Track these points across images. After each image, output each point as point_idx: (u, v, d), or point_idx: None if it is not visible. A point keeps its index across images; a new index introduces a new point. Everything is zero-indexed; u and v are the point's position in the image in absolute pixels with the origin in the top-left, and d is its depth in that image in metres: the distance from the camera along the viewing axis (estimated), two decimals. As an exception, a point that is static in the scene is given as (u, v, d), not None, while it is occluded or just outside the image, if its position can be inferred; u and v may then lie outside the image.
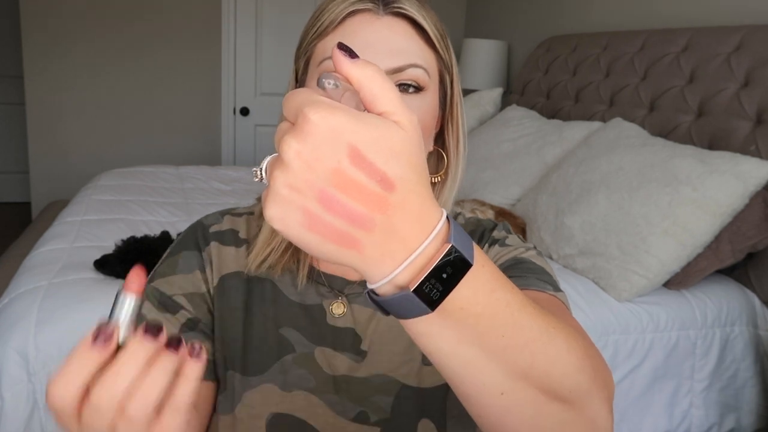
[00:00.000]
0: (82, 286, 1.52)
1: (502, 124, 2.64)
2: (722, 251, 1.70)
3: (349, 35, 0.64)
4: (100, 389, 0.40)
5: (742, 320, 1.77)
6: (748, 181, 1.64)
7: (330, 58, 0.64)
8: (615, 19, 2.76)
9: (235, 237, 0.78)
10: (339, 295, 0.75)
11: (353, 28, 0.64)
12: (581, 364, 0.45)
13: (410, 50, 0.65)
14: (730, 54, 2.01)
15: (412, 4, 0.66)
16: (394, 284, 0.38)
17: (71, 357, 0.41)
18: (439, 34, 0.67)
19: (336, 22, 0.65)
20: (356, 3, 0.64)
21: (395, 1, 0.65)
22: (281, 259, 0.73)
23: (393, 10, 0.64)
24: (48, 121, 3.67)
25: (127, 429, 0.40)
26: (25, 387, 1.33)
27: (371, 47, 0.64)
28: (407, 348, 0.75)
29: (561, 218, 1.91)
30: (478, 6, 3.95)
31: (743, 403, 1.79)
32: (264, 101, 3.92)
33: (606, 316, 1.65)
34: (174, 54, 3.76)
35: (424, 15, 0.66)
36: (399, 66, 0.64)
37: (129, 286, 0.42)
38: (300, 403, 0.73)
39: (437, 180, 0.73)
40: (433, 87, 0.68)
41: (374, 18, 0.64)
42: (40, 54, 3.57)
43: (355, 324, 0.75)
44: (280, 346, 0.74)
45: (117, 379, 0.40)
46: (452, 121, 0.72)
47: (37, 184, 3.75)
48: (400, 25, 0.65)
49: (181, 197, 2.50)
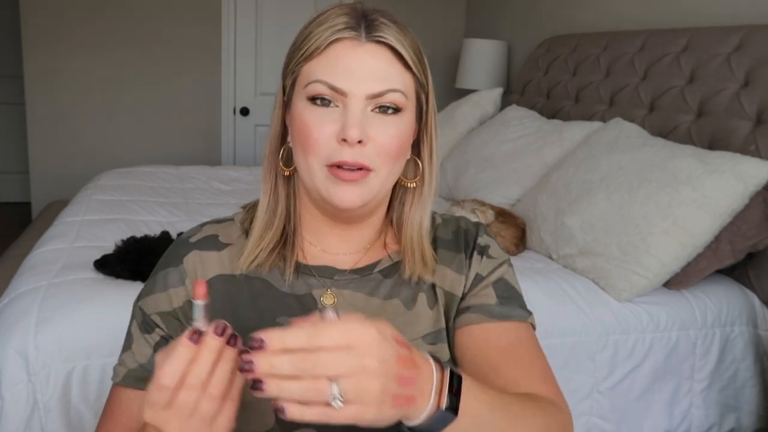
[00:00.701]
0: (82, 287, 1.52)
1: (502, 124, 2.64)
2: (722, 251, 1.70)
3: (333, 60, 0.70)
4: (192, 373, 0.55)
5: (742, 320, 1.77)
6: (748, 181, 1.64)
7: (316, 81, 0.70)
8: (615, 19, 2.76)
9: (215, 241, 0.81)
10: (327, 286, 0.80)
11: (336, 53, 0.70)
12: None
13: (390, 75, 0.71)
14: (730, 54, 2.01)
15: (391, 31, 0.71)
16: (429, 411, 0.54)
17: (173, 351, 0.55)
18: (416, 57, 0.73)
19: (321, 48, 0.71)
20: (340, 31, 0.70)
21: (376, 30, 0.70)
22: (269, 257, 0.78)
23: (374, 38, 0.70)
24: (48, 121, 3.67)
25: (208, 404, 0.55)
26: (25, 387, 1.33)
27: (353, 73, 0.70)
28: (404, 326, 0.80)
29: (561, 218, 1.91)
30: (478, 6, 3.95)
31: (743, 403, 1.79)
32: (264, 101, 3.92)
33: (606, 316, 1.65)
34: (174, 54, 3.76)
35: (402, 41, 0.72)
36: (380, 91, 0.70)
37: (194, 295, 0.58)
38: None
39: (413, 185, 0.80)
40: (410, 106, 0.74)
41: (356, 45, 0.70)
42: (40, 54, 3.57)
43: (348, 309, 0.79)
44: None
45: (202, 366, 0.55)
46: (426, 132, 0.79)
47: (37, 184, 3.74)
48: (380, 52, 0.71)
49: (181, 197, 2.50)
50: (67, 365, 1.35)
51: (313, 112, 0.71)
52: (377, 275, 0.81)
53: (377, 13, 0.72)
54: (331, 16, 0.71)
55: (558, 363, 1.61)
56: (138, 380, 0.77)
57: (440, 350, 0.80)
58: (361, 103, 0.70)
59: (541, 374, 0.76)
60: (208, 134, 3.92)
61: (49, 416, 1.34)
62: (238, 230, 0.82)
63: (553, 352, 1.60)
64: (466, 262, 0.83)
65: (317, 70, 0.70)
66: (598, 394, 1.65)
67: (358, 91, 0.69)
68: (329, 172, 0.71)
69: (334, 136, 0.70)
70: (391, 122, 0.72)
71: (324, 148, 0.70)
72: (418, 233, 0.80)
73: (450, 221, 0.88)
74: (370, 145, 0.70)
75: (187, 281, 0.78)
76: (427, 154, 0.79)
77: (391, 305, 0.80)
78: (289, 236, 0.79)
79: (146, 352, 0.78)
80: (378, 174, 0.72)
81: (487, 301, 0.80)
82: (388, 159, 0.72)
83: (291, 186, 0.79)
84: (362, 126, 0.69)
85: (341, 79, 0.69)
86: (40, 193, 3.74)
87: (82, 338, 1.37)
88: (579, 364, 1.63)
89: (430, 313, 0.81)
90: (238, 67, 3.85)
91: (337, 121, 0.70)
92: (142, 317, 0.79)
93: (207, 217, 2.20)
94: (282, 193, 0.79)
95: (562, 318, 1.62)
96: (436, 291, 0.82)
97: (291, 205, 0.80)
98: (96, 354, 1.37)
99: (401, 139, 0.73)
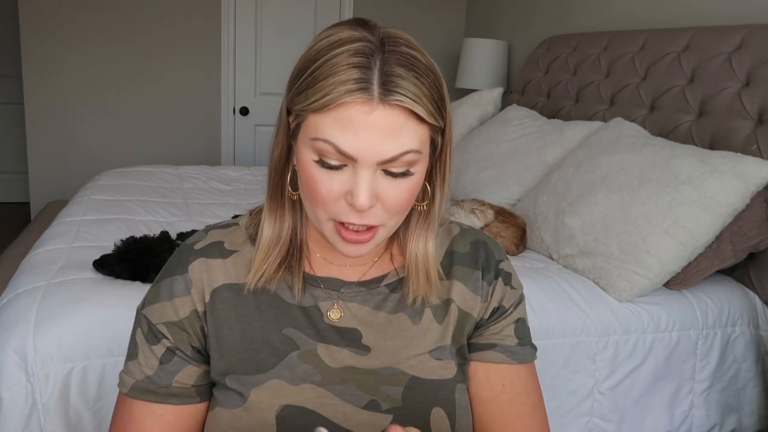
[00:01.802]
0: (81, 287, 1.51)
1: (502, 123, 2.63)
2: (723, 251, 1.70)
3: (343, 121, 0.64)
4: None
5: (743, 320, 1.77)
6: (749, 181, 1.64)
7: (324, 141, 0.64)
8: (615, 18, 2.76)
9: (220, 249, 0.80)
10: (334, 298, 0.79)
11: (348, 114, 0.63)
12: None
13: (403, 136, 0.65)
14: (731, 54, 2.01)
15: (409, 88, 0.64)
16: None
17: None
18: (434, 108, 0.66)
19: (330, 106, 0.64)
20: (351, 93, 0.63)
21: (392, 92, 0.63)
22: (276, 273, 0.76)
23: (389, 102, 0.63)
24: (47, 121, 3.67)
25: None
26: (23, 387, 1.32)
27: (365, 138, 0.63)
28: (409, 341, 0.79)
29: (561, 218, 1.90)
30: (478, 6, 3.95)
31: (744, 403, 1.78)
32: (264, 101, 3.92)
33: (607, 317, 1.65)
34: (174, 53, 3.75)
35: (420, 95, 0.64)
36: (393, 156, 0.65)
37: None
38: (309, 395, 0.76)
39: (422, 209, 0.77)
40: (424, 157, 0.69)
41: (369, 109, 0.63)
42: (40, 54, 3.56)
43: (354, 323, 0.78)
44: (284, 344, 0.77)
45: None
46: (440, 163, 0.75)
47: (36, 184, 3.74)
48: (394, 114, 0.64)
49: (181, 197, 2.50)
50: (66, 365, 1.35)
51: (321, 171, 0.67)
52: (384, 289, 0.80)
53: (392, 57, 0.64)
54: (341, 65, 0.63)
55: (558, 363, 1.61)
56: (146, 392, 0.77)
57: (447, 366, 0.79)
58: (372, 168, 0.65)
59: (540, 427, 0.84)
60: (207, 134, 3.91)
61: (48, 416, 1.33)
62: (243, 236, 0.81)
63: (553, 353, 1.60)
64: (483, 284, 0.82)
65: (325, 127, 0.65)
66: (598, 395, 1.64)
67: (369, 158, 0.64)
68: (335, 228, 0.69)
69: (342, 196, 0.67)
70: (402, 181, 0.68)
71: (332, 205, 0.68)
72: (423, 253, 0.78)
73: (468, 233, 0.86)
74: (380, 205, 0.68)
75: (193, 290, 0.77)
76: (440, 180, 0.76)
77: (397, 319, 0.79)
78: (295, 251, 0.78)
79: (153, 363, 0.77)
80: (386, 227, 0.71)
81: (509, 343, 0.83)
82: (397, 214, 0.70)
83: (295, 207, 0.77)
84: (372, 191, 0.66)
85: (350, 143, 0.64)
86: (39, 193, 3.73)
87: (81, 338, 1.37)
88: (579, 364, 1.62)
89: (438, 327, 0.80)
90: (237, 66, 3.85)
91: (346, 182, 0.66)
92: (148, 326, 0.78)
93: (207, 217, 2.19)
94: (288, 215, 0.77)
95: (562, 318, 1.62)
96: (449, 306, 0.81)
97: (297, 221, 0.78)
98: (95, 354, 1.37)
99: (412, 192, 0.70)
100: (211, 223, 0.85)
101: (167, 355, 0.77)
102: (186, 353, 0.77)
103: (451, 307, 0.81)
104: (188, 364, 0.77)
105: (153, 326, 0.77)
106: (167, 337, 0.76)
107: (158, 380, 0.77)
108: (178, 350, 0.77)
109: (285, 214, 0.76)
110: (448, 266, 0.83)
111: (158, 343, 0.77)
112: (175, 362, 0.77)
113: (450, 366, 0.79)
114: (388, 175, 0.67)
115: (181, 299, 0.77)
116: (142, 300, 0.80)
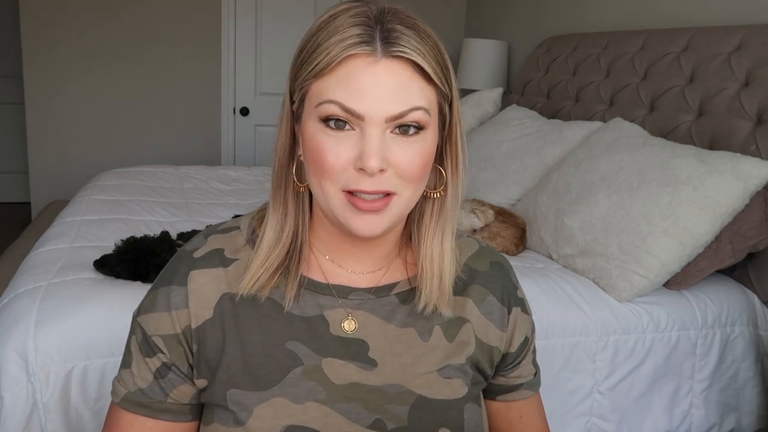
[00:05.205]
0: (82, 287, 1.51)
1: (502, 124, 2.63)
2: (722, 251, 1.70)
3: (346, 78, 0.63)
4: None
5: (743, 320, 1.77)
6: (748, 181, 1.64)
7: (329, 102, 0.63)
8: (615, 19, 2.76)
9: (221, 257, 0.76)
10: (343, 307, 0.75)
11: (350, 71, 0.63)
12: None
13: (410, 93, 0.64)
14: (730, 54, 2.01)
15: (411, 42, 0.63)
16: None
17: None
18: (438, 67, 0.66)
19: (332, 65, 0.63)
20: (353, 47, 0.62)
21: (394, 44, 0.63)
22: (271, 279, 0.72)
23: (392, 53, 0.63)
24: (47, 121, 3.67)
25: None
26: (24, 387, 1.32)
27: (370, 93, 0.62)
28: (418, 359, 0.75)
29: (561, 218, 1.91)
30: (478, 6, 3.95)
31: (744, 403, 1.78)
32: (264, 101, 3.92)
33: (606, 317, 1.65)
34: (174, 54, 3.75)
35: (423, 51, 0.64)
36: (400, 112, 0.63)
37: None
38: (313, 414, 0.72)
39: (437, 195, 0.73)
40: (433, 121, 0.67)
41: (372, 62, 0.62)
42: (40, 54, 3.56)
43: (362, 333, 0.75)
44: (287, 359, 0.73)
45: None
46: (451, 142, 0.72)
47: (37, 184, 3.74)
48: (399, 67, 0.63)
49: (181, 197, 2.50)
50: (67, 365, 1.35)
51: (328, 136, 0.64)
52: (393, 298, 0.76)
53: (393, 19, 0.64)
54: (342, 26, 0.63)
55: (558, 363, 1.61)
56: (137, 405, 0.74)
57: (456, 385, 0.77)
58: (380, 127, 0.63)
59: None
60: (207, 134, 3.91)
61: (49, 416, 1.34)
62: (244, 240, 0.77)
63: (553, 352, 1.60)
64: (501, 310, 0.81)
65: (329, 88, 0.63)
66: (598, 395, 1.65)
67: (376, 114, 0.62)
68: (347, 199, 0.65)
69: (351, 163, 0.64)
70: (413, 143, 0.65)
71: (341, 174, 0.64)
72: (439, 252, 0.73)
73: (487, 251, 0.83)
74: (392, 170, 0.65)
75: (191, 304, 0.73)
76: (452, 163, 0.72)
77: (406, 334, 0.76)
78: (294, 254, 0.73)
79: (147, 376, 0.74)
80: (401, 197, 0.67)
81: (529, 376, 0.85)
82: (411, 181, 0.66)
83: (300, 201, 0.73)
84: (382, 153, 0.63)
85: (356, 100, 0.62)
86: (40, 193, 3.73)
87: (81, 338, 1.37)
88: (579, 364, 1.62)
89: (448, 345, 0.77)
90: (237, 66, 3.85)
91: (354, 147, 0.64)
92: (142, 336, 0.74)
93: (207, 217, 2.20)
94: (291, 209, 0.73)
95: (562, 318, 1.62)
96: (462, 326, 0.78)
97: (300, 222, 0.73)
98: (96, 354, 1.37)
99: (425, 158, 0.67)
100: (212, 225, 0.82)
101: (162, 370, 0.74)
102: (182, 370, 0.74)
103: (464, 328, 0.78)
104: (184, 382, 0.75)
105: (148, 337, 0.74)
106: (163, 351, 0.73)
107: (152, 394, 0.74)
108: (175, 366, 0.74)
109: (289, 210, 0.73)
110: (468, 281, 0.80)
111: (153, 356, 0.74)
112: (171, 379, 0.74)
113: (459, 385, 0.76)
114: (398, 136, 0.65)
115: (178, 312, 0.73)
116: (138, 306, 0.77)
